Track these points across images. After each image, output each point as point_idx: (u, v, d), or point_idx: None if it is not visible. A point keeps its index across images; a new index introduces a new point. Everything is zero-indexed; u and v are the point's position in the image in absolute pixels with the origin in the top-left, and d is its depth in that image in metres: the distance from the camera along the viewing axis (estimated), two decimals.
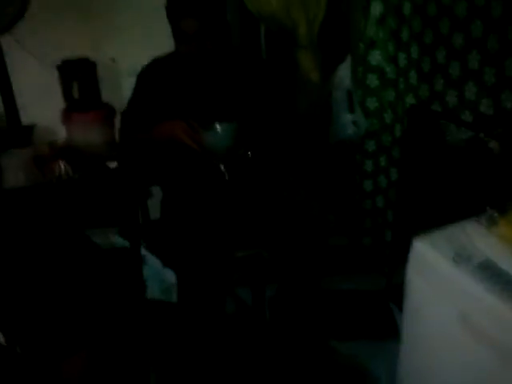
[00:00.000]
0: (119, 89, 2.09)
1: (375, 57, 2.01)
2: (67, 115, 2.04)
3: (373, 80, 2.04)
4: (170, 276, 1.59)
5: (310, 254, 1.73)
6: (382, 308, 2.03)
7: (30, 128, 2.04)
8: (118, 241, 1.45)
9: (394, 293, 1.99)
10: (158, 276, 1.56)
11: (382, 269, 2.18)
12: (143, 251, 1.54)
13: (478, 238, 1.18)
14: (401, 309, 1.34)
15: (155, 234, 1.84)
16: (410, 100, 1.96)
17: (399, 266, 1.36)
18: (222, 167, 1.64)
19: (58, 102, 2.08)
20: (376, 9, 1.96)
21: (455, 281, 1.12)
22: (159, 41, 1.78)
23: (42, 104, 2.08)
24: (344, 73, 2.08)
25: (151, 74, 1.77)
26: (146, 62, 1.80)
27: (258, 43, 2.14)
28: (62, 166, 1.75)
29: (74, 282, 1.37)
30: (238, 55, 1.78)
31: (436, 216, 1.91)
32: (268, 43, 2.17)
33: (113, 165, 1.88)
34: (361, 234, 2.33)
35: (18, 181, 1.70)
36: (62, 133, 2.11)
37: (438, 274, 1.17)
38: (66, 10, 2.03)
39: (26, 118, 2.08)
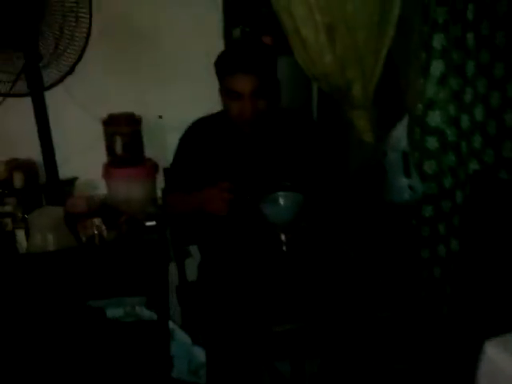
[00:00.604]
0: (164, 144, 2.04)
1: (435, 118, 1.88)
2: (108, 170, 2.00)
3: (432, 142, 1.91)
4: (200, 354, 1.45)
5: (358, 327, 1.58)
6: None
7: (71, 182, 2.00)
8: (145, 313, 1.33)
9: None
10: (187, 354, 1.42)
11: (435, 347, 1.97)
12: (171, 325, 1.41)
13: None
14: None
15: (190, 297, 1.75)
16: (473, 165, 1.81)
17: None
18: (283, 237, 1.52)
19: (102, 156, 2.05)
20: (437, 68, 1.84)
21: None
22: (207, 98, 1.73)
23: (86, 157, 2.05)
24: (400, 133, 1.96)
25: (195, 136, 1.69)
26: (193, 119, 1.74)
27: (309, 102, 2.05)
28: (97, 225, 1.66)
29: (90, 360, 1.26)
30: (288, 117, 1.69)
31: (502, 294, 1.72)
32: (320, 102, 2.08)
33: (151, 223, 1.80)
34: (413, 306, 2.13)
35: (45, 245, 1.61)
36: (104, 187, 2.07)
37: None
38: (115, 65, 2.02)
39: (69, 171, 2.05)
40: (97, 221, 1.66)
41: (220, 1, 2.02)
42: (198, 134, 1.69)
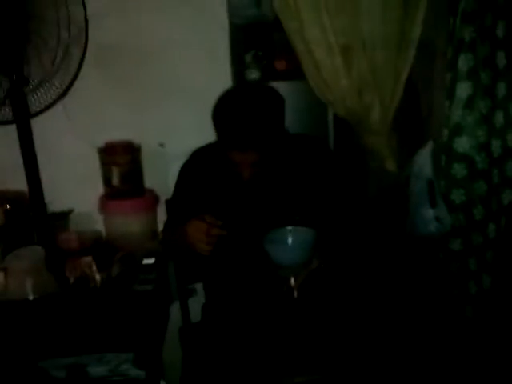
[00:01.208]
0: (166, 174, 1.87)
1: (462, 144, 1.73)
2: (104, 203, 1.83)
3: (459, 170, 1.75)
4: None
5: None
6: None
7: (65, 215, 1.83)
8: (133, 372, 1.13)
9: None
10: None
11: None
12: None
13: None
14: None
15: (194, 340, 1.58)
16: (507, 196, 1.66)
17: None
18: (293, 282, 1.31)
19: (100, 187, 1.89)
20: (463, 90, 1.70)
21: None
22: (209, 128, 1.57)
23: (82, 188, 1.89)
24: (424, 160, 1.80)
25: (195, 167, 1.56)
26: (197, 147, 1.60)
27: (325, 128, 1.90)
28: (87, 265, 1.47)
29: None
30: (299, 144, 1.51)
31: None
32: (336, 127, 1.92)
33: (150, 261, 1.62)
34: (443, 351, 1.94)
35: (22, 291, 1.42)
36: (102, 221, 1.90)
37: None
38: (114, 90, 1.88)
39: (63, 203, 1.88)
40: (87, 260, 1.48)
41: (227, 25, 1.90)
42: (198, 164, 1.55)
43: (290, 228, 1.35)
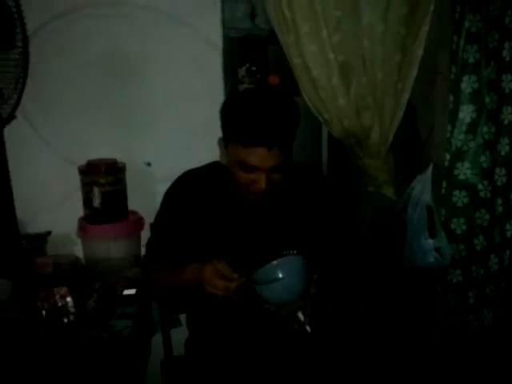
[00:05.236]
0: (153, 195, 1.75)
1: (464, 171, 1.65)
2: (83, 226, 1.71)
3: (460, 198, 1.66)
4: None
5: None
6: None
7: (42, 236, 1.72)
8: None
9: None
10: None
11: None
12: None
13: None
14: None
15: (175, 374, 1.46)
16: (511, 227, 1.56)
17: None
18: (301, 317, 1.20)
19: (80, 207, 1.78)
20: (466, 114, 1.62)
21: None
22: (203, 144, 1.48)
23: (61, 208, 1.79)
24: (423, 186, 1.71)
25: (183, 192, 1.37)
26: (186, 167, 1.45)
27: (318, 150, 1.81)
28: (60, 296, 1.35)
29: None
30: (297, 174, 1.38)
31: None
32: (331, 148, 1.83)
33: (131, 292, 1.50)
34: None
35: None
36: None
37: None
38: (97, 105, 1.78)
39: (41, 224, 1.77)
40: (61, 291, 1.35)
41: (220, 40, 1.81)
42: (187, 189, 1.37)
43: (275, 262, 1.22)
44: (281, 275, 1.19)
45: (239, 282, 1.16)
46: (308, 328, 1.19)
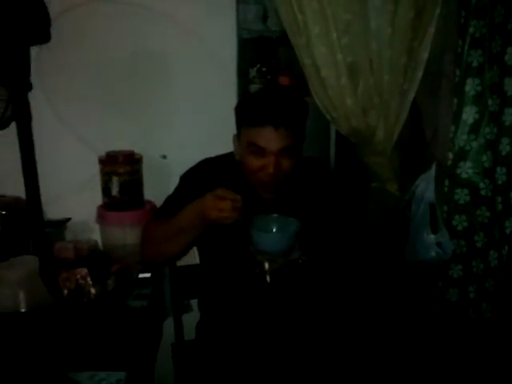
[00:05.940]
0: (168, 186, 1.83)
1: (466, 169, 1.71)
2: (102, 213, 1.80)
3: (462, 196, 1.73)
4: None
5: None
6: None
7: (62, 223, 1.80)
8: None
9: None
10: None
11: None
12: None
13: None
14: None
15: (187, 358, 1.54)
16: (511, 224, 1.62)
17: None
18: (266, 266, 1.29)
19: (97, 196, 1.86)
20: (469, 115, 1.69)
21: None
22: (218, 139, 1.54)
23: (80, 196, 1.87)
24: (427, 184, 1.77)
25: (198, 178, 1.44)
26: (198, 160, 1.53)
27: (327, 146, 1.88)
28: (81, 277, 1.44)
29: None
30: (303, 167, 1.43)
31: None
32: (338, 145, 1.90)
33: (146, 275, 1.59)
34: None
35: (14, 303, 1.38)
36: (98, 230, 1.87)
37: None
38: (117, 99, 1.86)
39: (60, 211, 1.86)
40: (82, 272, 1.45)
41: (235, 38, 1.88)
42: (202, 176, 1.44)
43: (275, 216, 1.33)
44: (274, 230, 1.32)
45: (242, 201, 1.23)
46: (268, 278, 1.29)
